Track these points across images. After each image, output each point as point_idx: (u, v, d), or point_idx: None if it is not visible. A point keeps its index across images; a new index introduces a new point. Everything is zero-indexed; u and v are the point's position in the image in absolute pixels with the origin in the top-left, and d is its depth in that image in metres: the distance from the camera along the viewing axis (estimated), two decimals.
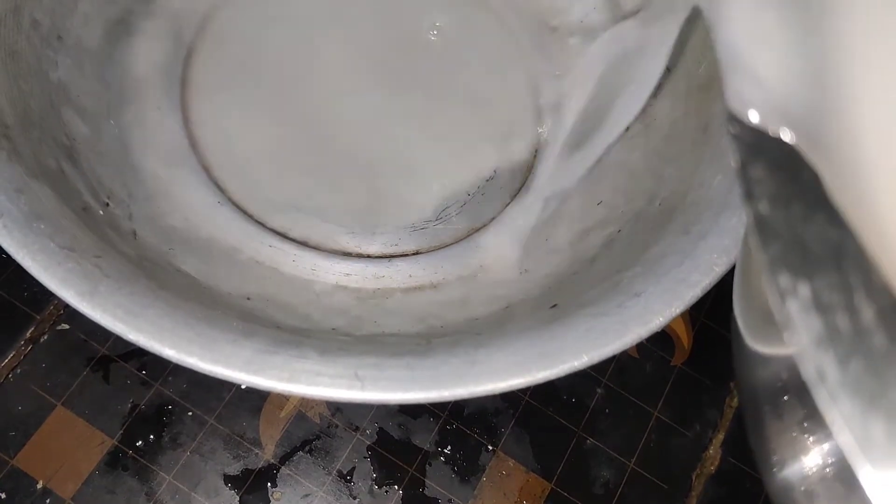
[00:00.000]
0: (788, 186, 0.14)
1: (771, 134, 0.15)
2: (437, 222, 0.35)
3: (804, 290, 0.13)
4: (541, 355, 0.26)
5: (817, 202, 0.14)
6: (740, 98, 0.16)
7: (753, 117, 0.15)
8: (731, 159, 0.15)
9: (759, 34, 0.16)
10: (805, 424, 0.20)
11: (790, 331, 0.13)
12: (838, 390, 0.12)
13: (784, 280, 0.13)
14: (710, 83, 0.35)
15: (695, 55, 0.35)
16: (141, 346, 0.24)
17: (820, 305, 0.13)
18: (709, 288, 0.28)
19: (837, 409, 0.12)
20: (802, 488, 0.21)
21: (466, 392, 0.26)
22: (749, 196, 0.14)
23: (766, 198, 0.14)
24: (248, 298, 0.31)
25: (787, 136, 0.15)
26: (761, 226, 0.14)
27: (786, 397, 0.20)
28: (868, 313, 0.13)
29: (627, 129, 0.36)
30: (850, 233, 0.14)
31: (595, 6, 0.39)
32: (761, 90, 0.16)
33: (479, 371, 0.26)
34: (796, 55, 0.16)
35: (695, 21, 0.34)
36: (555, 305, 0.30)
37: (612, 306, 0.28)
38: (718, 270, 0.28)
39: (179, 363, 0.24)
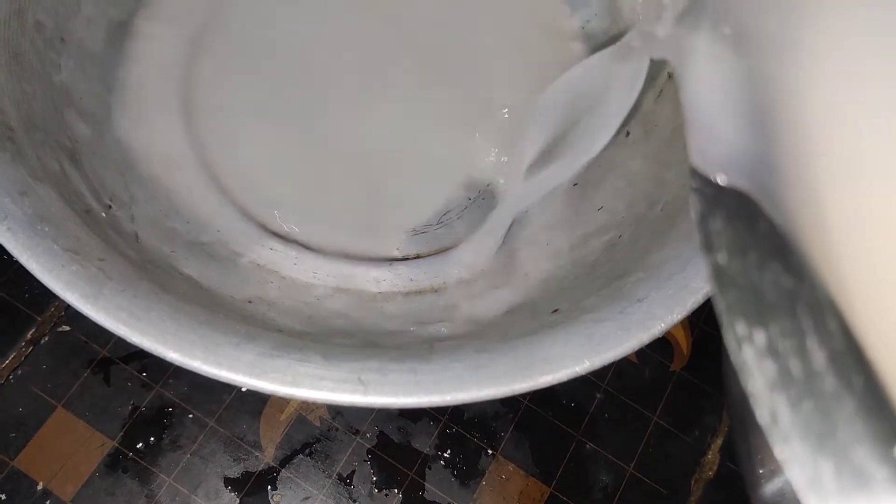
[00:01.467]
0: (745, 236, 0.15)
1: (725, 184, 0.16)
2: (438, 226, 0.35)
3: (759, 337, 0.14)
4: (543, 360, 0.26)
5: (772, 251, 0.15)
6: (701, 153, 0.16)
7: (715, 174, 0.16)
8: (692, 212, 0.15)
9: (718, 90, 0.17)
10: None
11: (746, 376, 0.14)
12: (790, 432, 0.13)
13: (740, 328, 0.14)
14: None
15: None
16: (145, 349, 0.24)
17: (774, 351, 0.14)
18: (710, 294, 0.28)
19: (789, 450, 0.13)
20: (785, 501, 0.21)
21: (469, 397, 0.26)
22: (708, 247, 0.15)
23: (725, 248, 0.15)
24: (250, 301, 0.31)
25: (727, 181, 0.15)
26: (719, 275, 0.15)
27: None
28: (819, 357, 0.14)
29: (628, 132, 0.37)
30: (805, 279, 0.14)
31: (596, 12, 0.39)
32: (719, 145, 0.16)
33: (482, 375, 0.26)
34: (750, 109, 0.17)
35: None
36: (556, 310, 0.30)
37: (614, 312, 0.28)
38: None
39: (183, 366, 0.24)
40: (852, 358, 0.13)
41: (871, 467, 0.12)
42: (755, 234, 0.15)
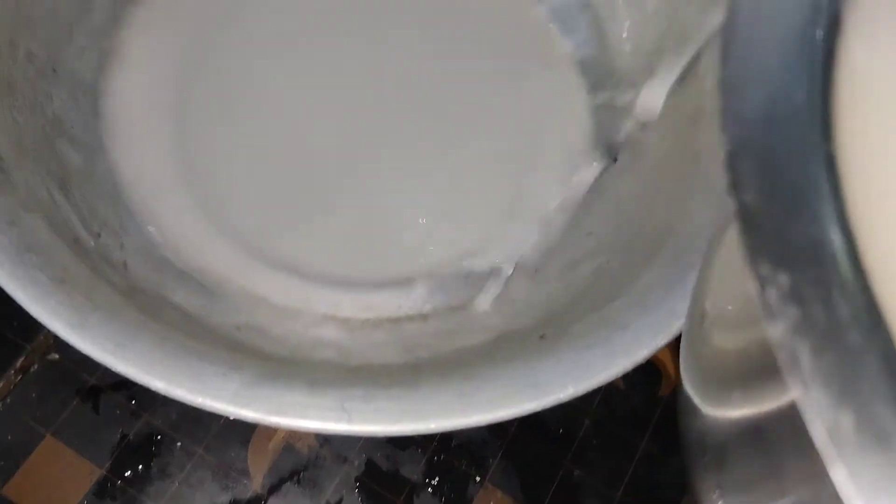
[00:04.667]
0: (775, 180, 0.15)
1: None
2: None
3: (783, 279, 0.14)
4: (529, 386, 0.27)
5: (801, 200, 0.15)
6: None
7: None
8: (721, 151, 0.15)
9: None
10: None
11: (768, 319, 0.13)
12: (811, 379, 0.13)
13: (764, 269, 0.14)
14: (700, 115, 0.35)
15: (685, 89, 0.36)
16: (130, 378, 0.24)
17: (798, 296, 0.13)
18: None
19: (809, 397, 0.13)
20: None
21: (454, 424, 0.26)
22: (736, 186, 0.15)
23: (754, 188, 0.15)
24: (238, 329, 0.31)
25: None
26: (745, 215, 0.14)
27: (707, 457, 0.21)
28: (845, 310, 0.13)
29: (616, 159, 0.37)
30: (836, 233, 0.14)
31: (585, 38, 0.40)
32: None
33: (468, 403, 0.26)
34: None
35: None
36: (543, 336, 0.30)
37: (599, 338, 0.29)
38: None
39: (168, 395, 0.24)
40: (876, 319, 0.13)
41: (894, 427, 0.12)
42: (785, 181, 0.15)
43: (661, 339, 0.28)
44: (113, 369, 0.24)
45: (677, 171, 0.34)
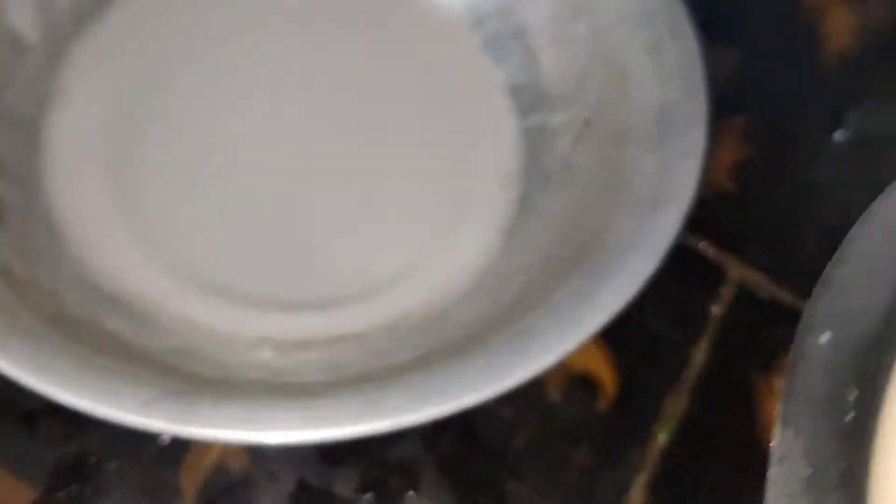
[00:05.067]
0: None
1: None
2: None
3: None
4: (435, 393, 0.27)
5: None
6: None
7: None
8: None
9: None
10: None
11: None
12: None
13: None
14: (625, 132, 0.36)
15: (611, 108, 0.37)
16: (43, 393, 0.26)
17: None
18: (603, 325, 0.29)
19: None
20: None
21: (357, 431, 0.27)
22: None
23: None
24: (173, 353, 0.32)
25: None
26: None
27: None
28: None
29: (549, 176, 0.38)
30: None
31: (518, 66, 0.41)
32: None
33: (375, 409, 0.27)
34: None
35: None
36: (464, 350, 0.31)
37: (511, 345, 0.29)
38: (613, 310, 0.30)
39: (71, 406, 0.25)
40: None
41: None
42: None
43: (570, 345, 0.29)
44: (27, 386, 0.25)
45: (602, 187, 0.35)
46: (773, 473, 0.23)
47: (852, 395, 0.22)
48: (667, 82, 0.35)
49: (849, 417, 0.22)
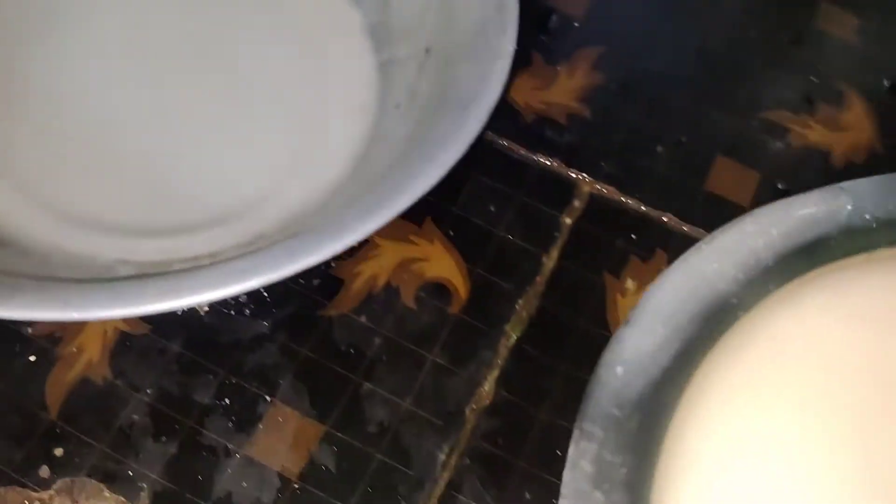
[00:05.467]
0: None
1: None
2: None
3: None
4: (240, 272, 0.29)
5: None
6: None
7: None
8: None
9: None
10: None
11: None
12: None
13: None
14: (453, 53, 0.39)
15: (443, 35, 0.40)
16: None
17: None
18: (405, 208, 0.31)
19: None
20: None
21: (164, 307, 0.29)
22: None
23: None
24: (31, 275, 0.34)
25: None
26: None
27: None
28: None
29: (398, 104, 0.40)
30: None
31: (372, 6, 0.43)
32: None
33: (178, 287, 0.29)
34: None
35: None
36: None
37: (329, 226, 0.32)
38: (415, 194, 0.32)
39: None
40: None
41: None
42: None
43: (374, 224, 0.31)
44: None
45: (436, 104, 0.38)
46: (567, 475, 0.28)
47: (636, 417, 0.29)
48: (485, 2, 0.37)
49: (632, 431, 0.29)
